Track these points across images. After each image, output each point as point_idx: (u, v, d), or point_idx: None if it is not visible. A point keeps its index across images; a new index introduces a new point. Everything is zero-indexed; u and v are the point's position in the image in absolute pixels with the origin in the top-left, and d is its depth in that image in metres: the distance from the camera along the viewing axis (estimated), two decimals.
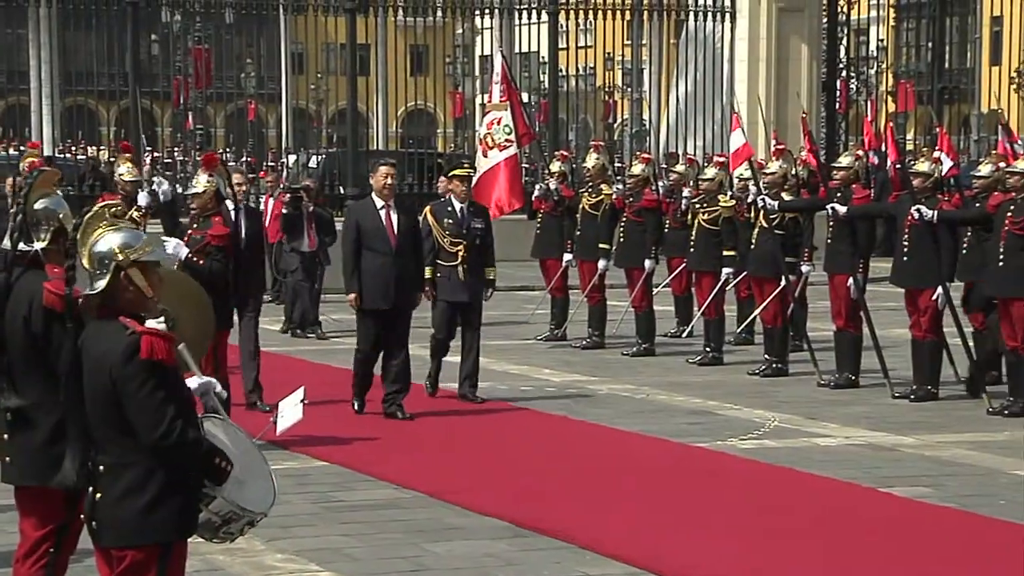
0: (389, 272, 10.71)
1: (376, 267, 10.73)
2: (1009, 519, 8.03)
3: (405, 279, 10.80)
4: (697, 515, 8.16)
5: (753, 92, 24.80)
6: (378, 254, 10.74)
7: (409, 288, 10.88)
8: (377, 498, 8.62)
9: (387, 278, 10.70)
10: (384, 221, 10.82)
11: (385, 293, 10.72)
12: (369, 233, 10.80)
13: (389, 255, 10.73)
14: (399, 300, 10.79)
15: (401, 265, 10.76)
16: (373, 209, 10.91)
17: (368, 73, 34.04)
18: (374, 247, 10.77)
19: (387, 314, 10.79)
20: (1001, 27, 33.15)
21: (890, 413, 11.39)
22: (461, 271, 11.33)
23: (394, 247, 10.76)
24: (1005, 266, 11.15)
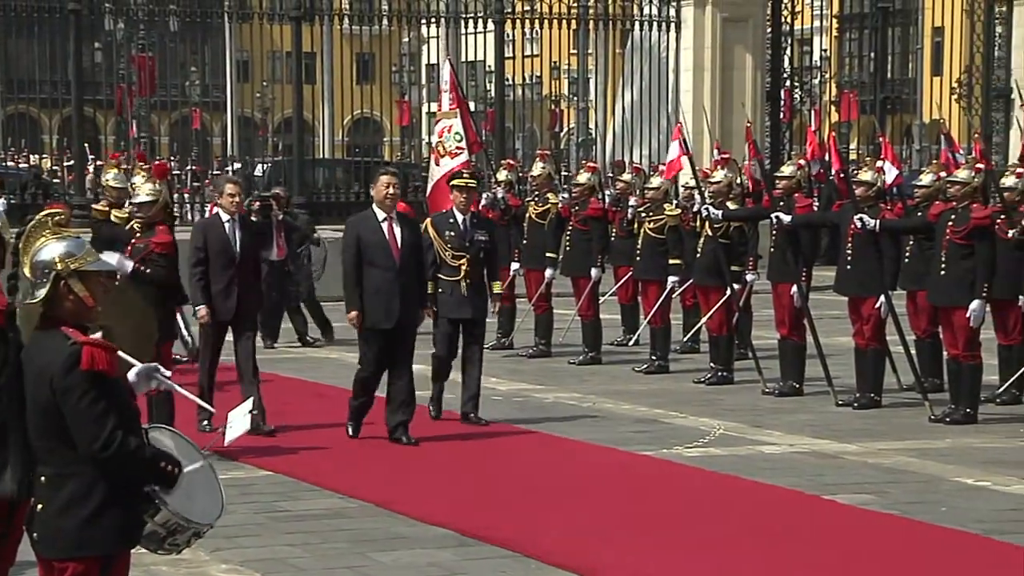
0: (392, 289, 10.11)
1: (378, 284, 10.13)
2: (951, 526, 8.10)
3: (409, 296, 10.21)
4: (643, 523, 8.18)
5: (698, 101, 24.93)
6: (380, 270, 10.13)
7: (413, 305, 10.29)
8: (322, 507, 8.58)
9: (390, 295, 10.12)
10: (387, 235, 10.20)
11: (388, 311, 10.12)
12: (371, 247, 10.17)
13: (392, 271, 10.12)
14: (403, 318, 10.18)
15: (404, 281, 10.16)
16: (375, 222, 10.26)
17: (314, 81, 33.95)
18: (376, 262, 10.15)
19: (390, 333, 10.19)
20: (942, 38, 33.46)
21: (834, 421, 11.46)
22: (464, 286, 10.80)
23: (397, 262, 10.15)
24: (946, 275, 11.25)
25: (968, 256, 11.14)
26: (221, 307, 10.44)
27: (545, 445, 10.49)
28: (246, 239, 10.60)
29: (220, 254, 10.46)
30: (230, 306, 10.43)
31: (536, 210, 15.28)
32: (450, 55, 18.78)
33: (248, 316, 10.60)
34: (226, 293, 10.43)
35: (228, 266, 10.44)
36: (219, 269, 10.45)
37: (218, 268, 10.45)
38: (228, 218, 10.54)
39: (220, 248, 10.47)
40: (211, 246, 10.49)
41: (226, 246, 10.46)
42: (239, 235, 10.53)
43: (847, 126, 33.30)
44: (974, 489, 9.08)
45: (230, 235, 10.49)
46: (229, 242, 10.47)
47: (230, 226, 10.52)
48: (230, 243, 10.47)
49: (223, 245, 10.47)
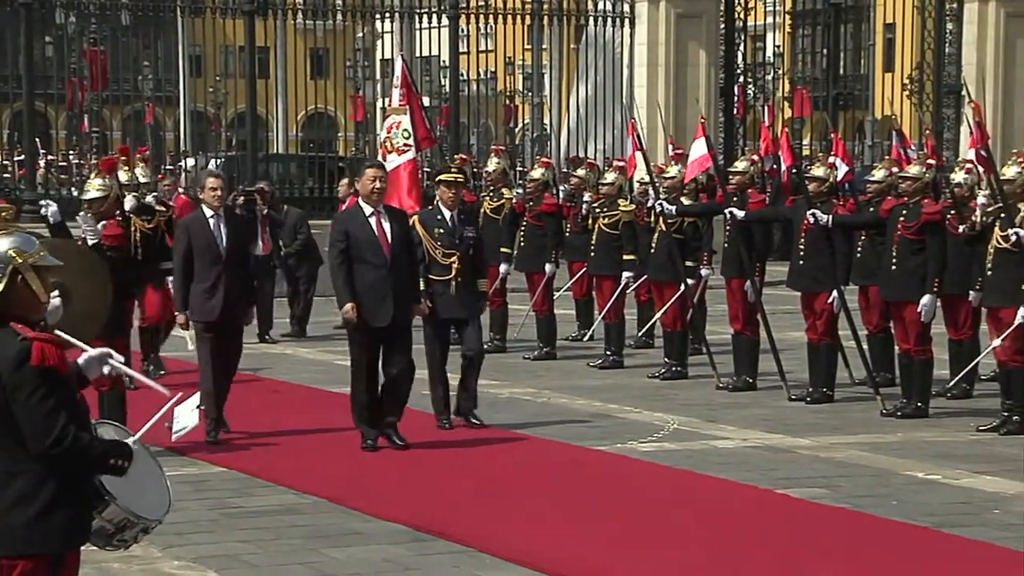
0: (384, 286, 9.67)
1: (369, 281, 9.68)
2: (902, 519, 8.16)
3: (402, 292, 9.77)
4: (597, 518, 8.20)
5: (652, 97, 25.01)
6: (371, 266, 9.69)
7: (407, 302, 9.85)
8: (276, 503, 8.56)
9: (382, 292, 9.66)
10: (375, 230, 9.76)
11: (380, 309, 9.66)
12: (360, 244, 9.71)
13: (383, 267, 9.69)
14: (397, 316, 9.72)
15: (397, 277, 9.73)
16: (362, 217, 9.82)
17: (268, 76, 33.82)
18: (366, 259, 9.70)
19: (384, 332, 9.75)
20: (894, 34, 33.72)
21: (787, 415, 11.53)
22: (455, 285, 10.41)
23: (388, 258, 9.71)
24: (898, 270, 11.33)
25: (919, 251, 11.22)
26: (203, 307, 10.03)
27: (499, 441, 10.49)
28: (232, 235, 10.15)
29: (205, 252, 10.04)
30: (214, 305, 9.99)
31: (491, 205, 15.28)
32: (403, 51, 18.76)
33: (235, 317, 10.13)
34: (211, 292, 10.00)
35: (214, 264, 10.02)
36: (204, 267, 10.03)
37: (203, 266, 10.03)
38: (212, 214, 10.12)
39: (204, 246, 10.04)
40: (195, 244, 10.07)
41: (211, 244, 10.04)
42: (224, 231, 10.10)
43: (800, 122, 33.50)
44: (925, 483, 9.15)
45: (215, 231, 10.07)
46: (214, 239, 10.05)
47: (214, 222, 10.10)
48: (215, 240, 10.04)
49: (207, 242, 10.04)
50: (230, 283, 10.02)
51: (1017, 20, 27.51)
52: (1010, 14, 27.33)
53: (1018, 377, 10.67)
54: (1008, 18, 27.38)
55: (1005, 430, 10.66)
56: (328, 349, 15.39)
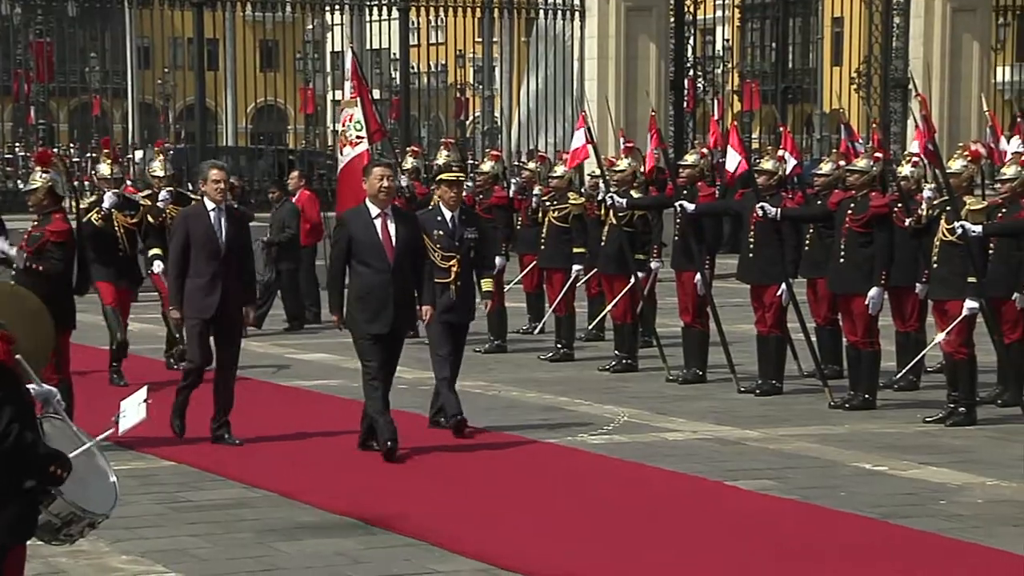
0: (385, 292, 9.26)
1: (370, 286, 9.28)
2: (849, 510, 8.23)
3: (403, 300, 9.37)
4: (547, 511, 8.21)
5: (602, 90, 25.04)
6: (372, 270, 9.28)
7: (408, 310, 9.45)
8: (225, 498, 8.52)
9: (382, 299, 9.26)
10: (380, 233, 9.32)
11: (379, 316, 9.28)
12: (363, 247, 9.30)
13: (385, 272, 9.27)
14: (397, 323, 9.37)
15: (399, 284, 9.32)
16: (367, 218, 9.36)
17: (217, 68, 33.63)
18: (369, 263, 9.29)
19: (383, 338, 9.37)
20: (842, 28, 33.93)
21: (736, 407, 11.59)
22: (454, 289, 10.02)
23: (391, 263, 9.29)
24: (846, 262, 11.41)
25: (867, 244, 11.30)
26: (200, 303, 9.66)
27: (450, 434, 10.48)
28: (233, 230, 9.73)
29: (204, 246, 9.67)
30: (211, 302, 9.63)
31: None
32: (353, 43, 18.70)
33: (234, 316, 9.76)
34: (208, 288, 9.64)
35: (212, 259, 9.66)
36: (202, 262, 9.66)
37: (201, 261, 9.66)
38: (213, 207, 9.73)
39: (204, 240, 9.67)
40: (194, 237, 9.70)
41: (211, 237, 9.67)
42: (225, 226, 9.70)
43: (749, 115, 33.63)
44: (872, 474, 9.23)
45: (215, 225, 9.69)
46: (214, 233, 9.67)
47: (215, 216, 9.71)
48: (215, 234, 9.67)
49: (207, 236, 9.67)
50: (229, 279, 9.67)
51: (963, 14, 27.73)
52: (956, 8, 27.55)
53: (964, 369, 10.77)
54: (954, 12, 27.60)
55: (951, 422, 10.76)
56: (279, 343, 15.36)
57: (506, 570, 7.06)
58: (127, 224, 12.25)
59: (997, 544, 7.50)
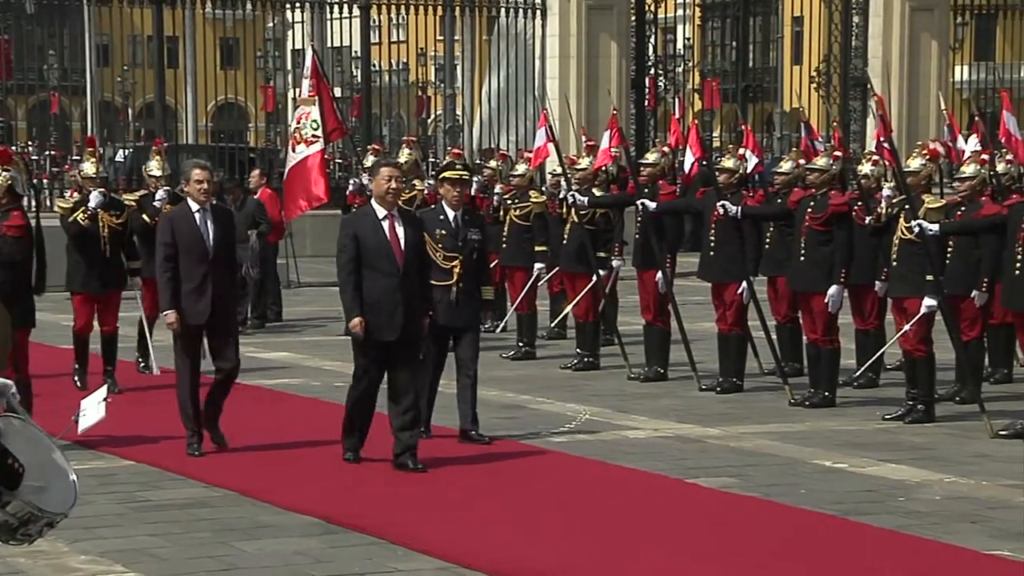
0: (395, 296, 8.93)
1: (379, 291, 8.94)
2: (809, 507, 8.27)
3: (413, 304, 9.04)
4: (508, 509, 8.22)
5: (564, 88, 25.09)
6: (382, 275, 8.95)
7: (418, 314, 9.11)
8: (185, 497, 8.49)
9: (392, 303, 8.94)
10: (388, 235, 8.99)
11: (391, 321, 8.94)
12: (371, 250, 8.96)
13: (395, 276, 8.95)
14: (408, 328, 9.01)
15: (408, 287, 9.00)
16: (374, 220, 9.04)
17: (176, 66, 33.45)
18: (377, 267, 8.96)
19: (392, 346, 9.02)
20: (802, 27, 34.08)
21: (697, 405, 11.62)
22: (455, 291, 9.66)
23: (401, 266, 8.97)
24: (806, 261, 11.46)
25: (827, 242, 11.36)
26: (192, 310, 9.33)
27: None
28: (220, 232, 9.43)
29: (191, 249, 9.34)
30: (202, 308, 9.32)
31: (403, 197, 15.22)
32: (314, 41, 18.65)
33: (227, 320, 9.50)
34: (198, 294, 9.32)
35: (200, 263, 9.33)
36: (190, 266, 9.33)
37: (189, 265, 9.33)
38: (198, 208, 9.42)
39: (190, 242, 9.35)
40: (180, 240, 9.38)
41: (197, 240, 9.34)
42: (211, 227, 9.40)
43: (710, 114, 33.73)
44: (832, 471, 9.27)
45: (201, 227, 9.38)
46: (200, 235, 9.35)
47: (201, 217, 9.40)
48: (202, 236, 9.35)
49: (194, 239, 9.35)
50: (218, 283, 9.36)
51: (922, 13, 27.92)
52: (915, 8, 27.73)
53: (923, 366, 10.84)
54: (913, 12, 27.79)
55: (910, 419, 10.82)
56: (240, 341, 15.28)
57: (468, 568, 7.06)
58: (112, 224, 11.93)
59: (955, 540, 7.55)
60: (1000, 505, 8.35)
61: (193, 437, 9.51)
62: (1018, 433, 10.19)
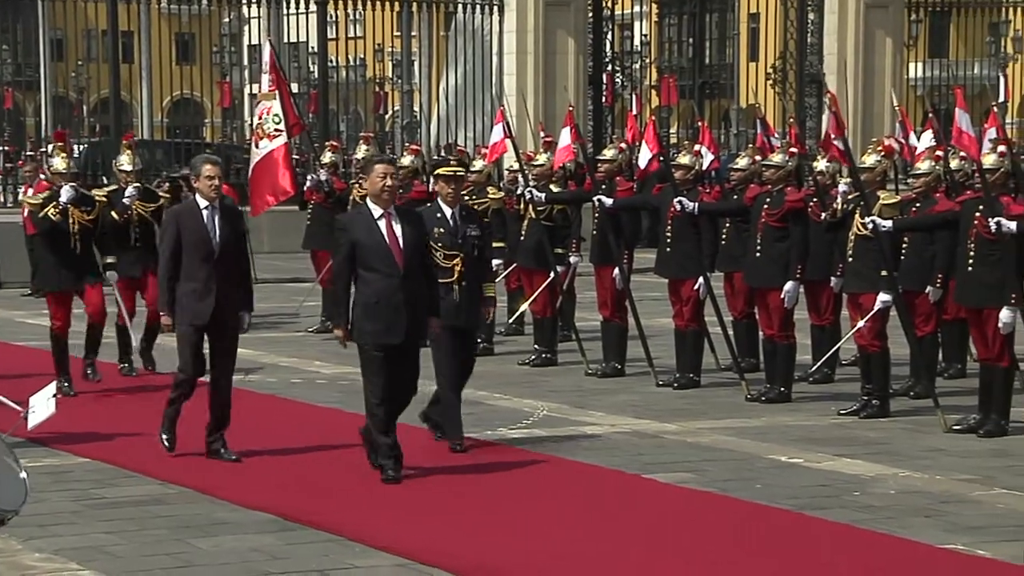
0: (396, 298, 8.53)
1: (379, 293, 8.54)
2: (765, 502, 8.30)
3: (416, 306, 8.62)
4: (465, 505, 8.22)
5: (521, 85, 25.11)
6: (380, 276, 8.55)
7: (421, 317, 8.69)
8: (141, 494, 8.44)
9: (394, 306, 8.53)
10: (386, 235, 8.60)
11: (392, 325, 8.55)
12: (368, 250, 8.57)
13: (395, 277, 8.54)
14: (411, 333, 8.64)
15: (410, 288, 8.58)
16: (370, 220, 8.65)
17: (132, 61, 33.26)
18: (375, 267, 8.56)
19: (394, 351, 8.62)
20: (758, 24, 34.21)
21: (654, 401, 11.65)
22: (457, 290, 9.29)
23: (401, 267, 8.56)
24: (762, 257, 11.51)
25: (783, 238, 11.41)
26: (195, 309, 8.96)
27: None
28: (227, 230, 9.03)
29: (197, 247, 8.97)
30: (206, 308, 8.93)
31: (361, 193, 15.18)
32: (271, 36, 18.57)
33: (229, 322, 9.06)
34: (202, 293, 8.95)
35: (206, 261, 8.96)
36: (195, 264, 8.97)
37: (194, 263, 8.97)
38: (206, 205, 9.02)
39: (197, 240, 8.98)
40: (186, 237, 9.00)
41: (204, 238, 8.97)
42: (219, 225, 8.99)
43: (667, 110, 33.83)
44: (787, 466, 9.32)
45: (208, 224, 8.98)
46: (207, 233, 8.97)
47: (208, 214, 9.00)
48: (208, 234, 8.96)
49: (200, 236, 8.98)
50: (224, 282, 8.97)
51: (876, 10, 28.11)
52: (869, 4, 27.91)
53: (877, 361, 10.91)
54: (867, 9, 27.96)
55: (865, 414, 10.89)
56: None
57: (425, 564, 7.05)
58: (83, 221, 11.61)
59: (909, 534, 7.61)
60: (954, 499, 8.42)
61: (169, 435, 9.28)
62: (971, 428, 10.28)
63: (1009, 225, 9.87)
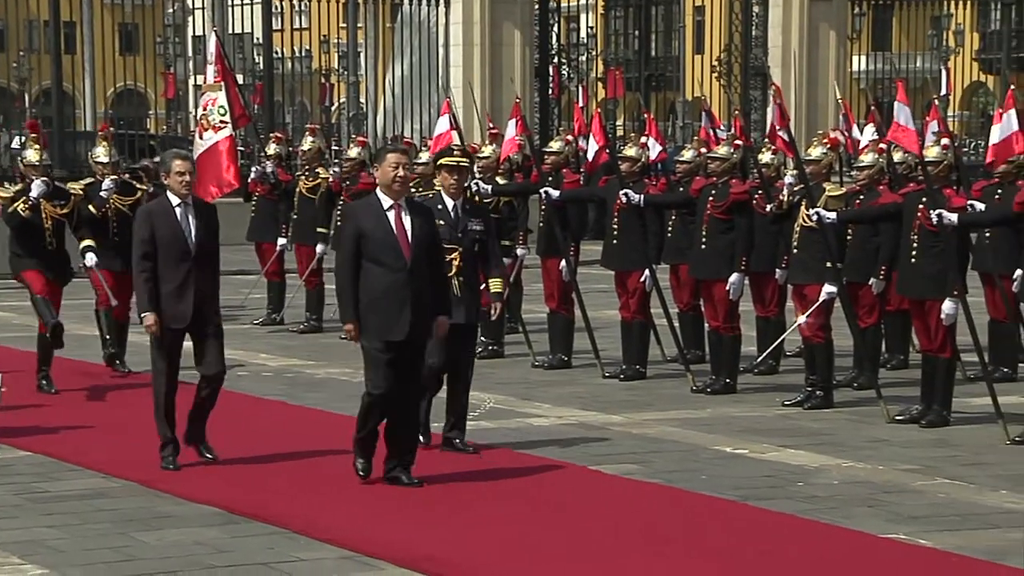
0: (402, 293, 8.23)
1: (385, 287, 8.23)
2: (710, 493, 8.35)
3: (422, 302, 8.29)
4: (410, 497, 8.20)
5: (467, 76, 25.08)
6: (387, 270, 8.24)
7: (429, 313, 8.36)
8: (84, 488, 8.38)
9: (399, 301, 8.22)
10: (394, 227, 8.28)
11: (397, 321, 8.22)
12: (375, 242, 8.25)
13: (402, 271, 8.24)
14: (416, 329, 8.30)
15: (417, 284, 8.26)
16: (379, 211, 8.32)
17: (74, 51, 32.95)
18: (382, 260, 8.24)
19: (400, 347, 8.30)
20: (703, 17, 34.33)
21: (601, 393, 11.68)
22: (457, 284, 9.00)
23: (408, 260, 8.25)
24: (707, 249, 11.56)
25: (728, 230, 11.46)
26: (173, 311, 8.66)
27: (315, 421, 10.43)
28: (202, 228, 8.75)
29: (172, 247, 8.66)
30: (184, 310, 8.65)
31: (306, 185, 15.18)
32: (216, 27, 18.46)
33: (209, 323, 8.76)
34: (179, 294, 8.65)
35: (181, 261, 8.65)
36: (170, 265, 8.65)
37: (169, 264, 8.65)
38: (178, 202, 8.71)
39: (171, 240, 8.66)
40: (159, 237, 8.67)
41: (177, 236, 8.65)
42: (193, 223, 8.71)
43: (613, 103, 33.90)
44: (732, 457, 9.37)
45: (182, 223, 8.69)
46: (181, 231, 8.66)
47: (182, 212, 8.70)
48: (182, 232, 8.66)
49: (174, 235, 8.66)
50: (201, 282, 8.70)
51: (820, 4, 28.29)
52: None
53: (822, 353, 10.98)
54: (811, 2, 28.14)
55: (809, 405, 10.96)
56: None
57: (371, 556, 7.04)
58: (56, 215, 11.33)
59: (852, 524, 7.67)
60: (896, 489, 8.49)
61: (167, 448, 8.81)
62: (914, 418, 10.37)
63: (951, 217, 9.96)
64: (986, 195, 11.66)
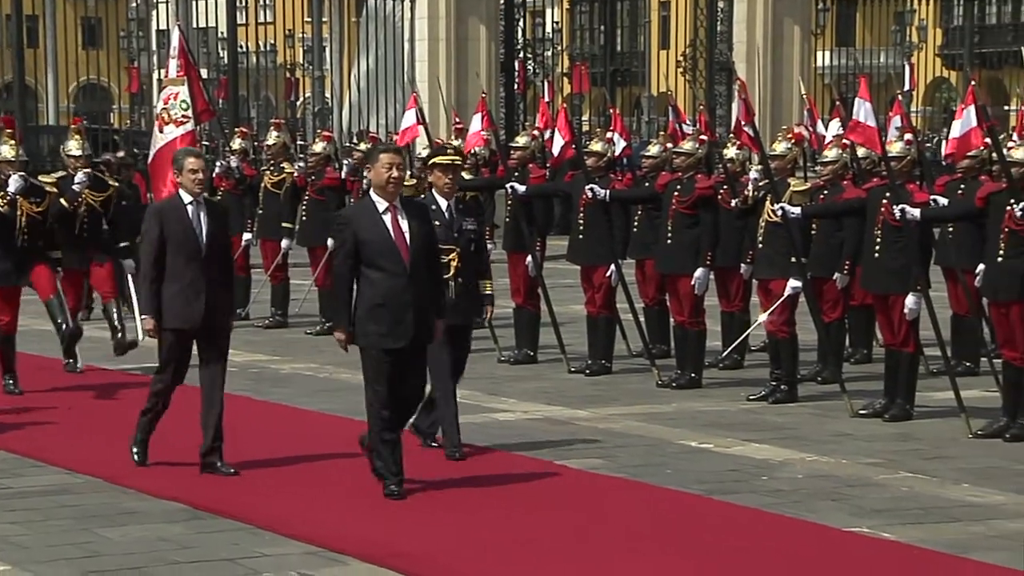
0: (402, 298, 8.01)
1: (384, 292, 8.02)
2: (675, 487, 8.37)
3: (424, 306, 8.10)
4: (376, 492, 8.19)
5: (433, 71, 25.07)
6: (386, 275, 8.02)
7: (429, 318, 8.17)
8: (47, 484, 8.34)
9: (401, 306, 8.02)
10: (391, 230, 8.06)
11: (400, 326, 8.03)
12: (372, 247, 8.02)
13: (402, 275, 8.02)
14: (418, 335, 8.11)
15: (418, 287, 8.07)
16: (374, 214, 8.09)
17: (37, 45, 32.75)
18: (381, 266, 8.03)
19: (400, 353, 8.11)
20: (668, 12, 34.41)
21: (566, 387, 11.70)
22: (454, 286, 8.82)
23: (407, 264, 8.04)
24: (672, 243, 11.59)
25: (693, 225, 11.49)
26: (183, 312, 8.40)
27: (280, 416, 10.41)
28: (213, 227, 8.53)
29: (182, 245, 8.44)
30: (195, 311, 8.39)
31: (271, 180, 15.14)
32: (180, 21, 18.36)
33: (219, 325, 8.56)
34: (189, 295, 8.41)
35: (192, 260, 8.44)
36: (181, 264, 8.43)
37: (180, 263, 8.44)
38: (191, 200, 8.50)
39: (182, 238, 8.44)
40: (170, 235, 8.45)
41: (189, 235, 8.44)
42: (205, 221, 8.47)
43: (579, 98, 33.94)
44: (697, 451, 9.40)
45: (194, 221, 8.46)
46: (192, 230, 8.44)
47: (193, 210, 8.48)
48: (194, 231, 8.44)
49: (185, 234, 8.44)
50: (212, 282, 8.46)
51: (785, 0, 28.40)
52: None
53: (786, 347, 11.03)
54: None
55: (774, 399, 11.01)
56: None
57: (336, 552, 7.03)
58: (32, 213, 11.16)
59: (816, 518, 7.71)
60: (859, 483, 8.54)
61: (141, 446, 8.74)
62: (877, 412, 10.42)
63: (913, 212, 10.01)
64: (949, 190, 11.73)
